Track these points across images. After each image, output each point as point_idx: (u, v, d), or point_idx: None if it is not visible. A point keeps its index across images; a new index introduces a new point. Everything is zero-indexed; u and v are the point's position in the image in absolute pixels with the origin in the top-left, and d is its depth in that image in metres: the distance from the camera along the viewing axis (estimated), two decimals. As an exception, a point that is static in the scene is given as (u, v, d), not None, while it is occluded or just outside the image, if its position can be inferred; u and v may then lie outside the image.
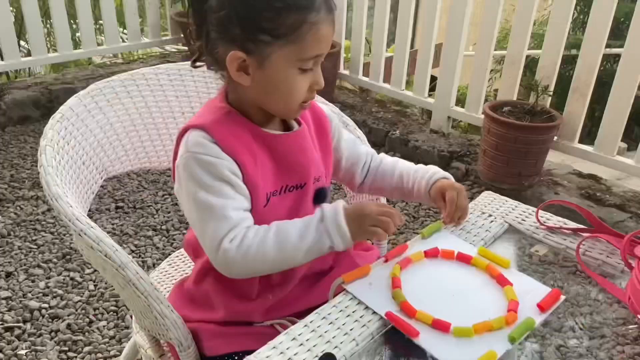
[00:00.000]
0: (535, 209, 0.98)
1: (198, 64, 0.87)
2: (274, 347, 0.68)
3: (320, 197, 0.90)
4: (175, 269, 1.19)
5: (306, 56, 0.78)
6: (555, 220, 0.96)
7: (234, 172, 0.80)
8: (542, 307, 0.75)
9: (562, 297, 0.78)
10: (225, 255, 0.78)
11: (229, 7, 0.76)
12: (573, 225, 0.95)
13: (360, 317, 0.73)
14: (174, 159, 0.85)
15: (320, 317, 0.73)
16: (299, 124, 0.89)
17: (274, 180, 0.85)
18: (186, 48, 3.65)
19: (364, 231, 0.79)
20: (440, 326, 0.71)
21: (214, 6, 0.77)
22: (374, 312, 0.74)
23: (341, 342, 0.69)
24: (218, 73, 0.85)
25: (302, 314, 0.76)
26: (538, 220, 0.96)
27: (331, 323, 0.72)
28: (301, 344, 0.69)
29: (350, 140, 1.02)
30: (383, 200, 1.14)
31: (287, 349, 0.68)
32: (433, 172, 0.96)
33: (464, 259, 0.85)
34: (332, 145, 0.96)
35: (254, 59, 0.78)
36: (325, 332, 0.71)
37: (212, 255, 0.80)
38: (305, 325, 0.72)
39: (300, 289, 0.91)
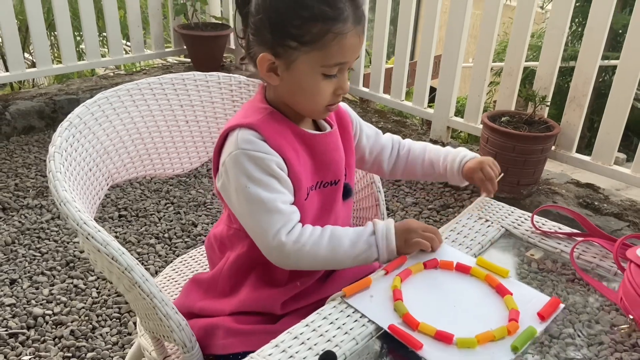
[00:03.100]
0: (530, 214, 1.01)
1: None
2: (276, 346, 0.70)
3: (347, 192, 0.97)
4: (179, 274, 1.21)
5: (329, 63, 0.83)
6: (550, 225, 0.99)
7: (281, 167, 0.86)
8: (542, 316, 0.76)
9: (562, 306, 0.79)
10: (281, 247, 0.84)
11: (263, 12, 0.83)
12: (567, 229, 0.97)
13: (360, 317, 0.75)
14: (216, 157, 0.91)
15: (321, 317, 0.75)
16: (330, 125, 0.96)
17: (312, 176, 0.91)
18: (188, 60, 3.69)
19: (409, 245, 0.87)
20: (443, 338, 0.71)
21: (253, 11, 0.84)
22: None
23: (341, 341, 0.71)
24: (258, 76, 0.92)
25: (315, 305, 0.79)
26: (533, 225, 0.98)
27: (332, 323, 0.74)
28: (302, 343, 0.71)
29: (372, 134, 1.08)
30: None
31: (289, 347, 0.70)
32: (463, 155, 1.04)
33: (463, 269, 0.85)
34: (354, 144, 1.02)
35: (282, 61, 0.84)
36: (326, 331, 0.73)
37: (265, 245, 0.85)
38: (307, 325, 0.74)
39: (316, 282, 0.96)
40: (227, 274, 0.96)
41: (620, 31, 5.09)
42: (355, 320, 0.75)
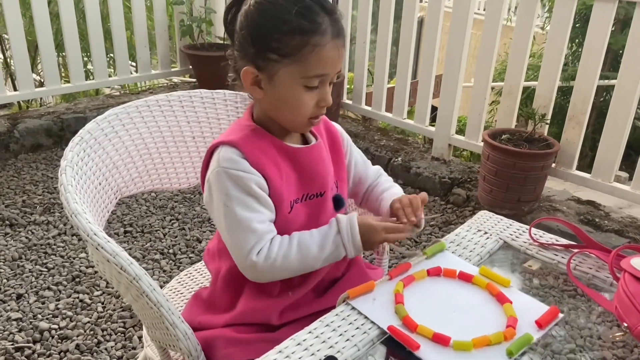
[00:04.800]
0: (528, 227, 1.03)
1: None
2: (279, 351, 0.72)
3: (338, 203, 0.99)
4: (185, 287, 1.23)
5: (309, 74, 0.86)
6: (547, 238, 1.01)
7: (261, 186, 0.88)
8: (540, 324, 0.78)
9: (561, 315, 0.80)
10: (253, 267, 0.87)
11: (246, 28, 0.87)
12: (564, 241, 0.99)
13: (362, 324, 0.77)
14: (203, 172, 0.93)
15: (323, 325, 0.77)
16: (316, 137, 0.97)
17: (297, 189, 0.93)
18: (194, 79, 3.75)
19: (372, 244, 0.90)
20: (440, 340, 0.74)
21: (237, 28, 0.88)
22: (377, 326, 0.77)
23: (343, 347, 0.73)
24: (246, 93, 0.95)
25: (313, 316, 0.81)
26: (531, 237, 1.00)
27: (334, 330, 0.76)
28: (305, 349, 0.73)
29: (361, 161, 1.09)
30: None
31: (293, 353, 0.72)
32: (398, 192, 1.03)
33: (465, 277, 0.87)
34: (346, 159, 1.04)
35: (264, 74, 0.87)
36: (328, 338, 0.75)
37: (240, 264, 0.89)
38: (310, 332, 0.76)
39: (314, 294, 0.98)
40: (222, 287, 0.99)
41: (621, 52, 5.14)
42: (357, 328, 0.77)
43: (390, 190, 1.07)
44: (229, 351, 0.91)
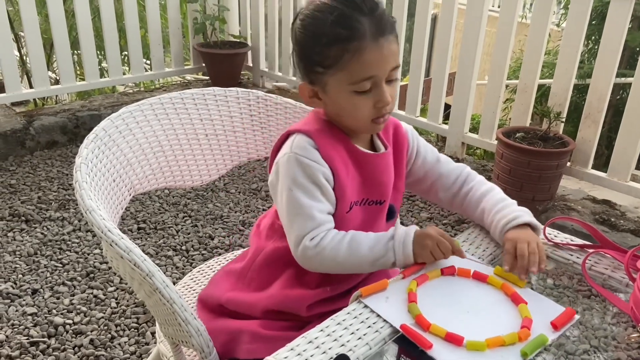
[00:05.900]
0: (543, 226, 1.02)
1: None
2: (291, 349, 0.72)
3: (390, 213, 1.01)
4: (197, 284, 1.24)
5: (354, 80, 0.87)
6: (562, 237, 1.00)
7: (327, 178, 0.90)
8: (555, 325, 0.77)
9: (576, 317, 0.79)
10: (304, 251, 0.89)
11: (296, 47, 0.91)
12: (579, 241, 0.98)
13: (374, 323, 0.77)
14: (273, 154, 0.97)
15: (335, 323, 0.77)
16: (386, 146, 0.99)
17: (358, 191, 0.95)
18: (207, 77, 3.77)
19: (426, 255, 0.88)
20: (453, 339, 0.73)
21: (293, 48, 0.92)
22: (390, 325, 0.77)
23: (355, 346, 0.73)
24: None
25: (334, 312, 0.81)
26: (545, 237, 0.99)
27: (345, 328, 0.76)
28: (317, 347, 0.73)
29: (432, 160, 1.05)
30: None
31: (304, 350, 0.72)
32: (513, 217, 0.94)
33: (480, 277, 0.87)
34: (407, 169, 1.04)
35: (318, 87, 0.91)
36: (340, 336, 0.75)
37: (293, 247, 0.91)
38: (321, 330, 0.76)
39: (343, 292, 0.98)
40: (260, 264, 1.01)
41: (638, 49, 5.07)
42: (369, 326, 0.77)
43: (490, 194, 1.01)
44: (253, 347, 0.93)
